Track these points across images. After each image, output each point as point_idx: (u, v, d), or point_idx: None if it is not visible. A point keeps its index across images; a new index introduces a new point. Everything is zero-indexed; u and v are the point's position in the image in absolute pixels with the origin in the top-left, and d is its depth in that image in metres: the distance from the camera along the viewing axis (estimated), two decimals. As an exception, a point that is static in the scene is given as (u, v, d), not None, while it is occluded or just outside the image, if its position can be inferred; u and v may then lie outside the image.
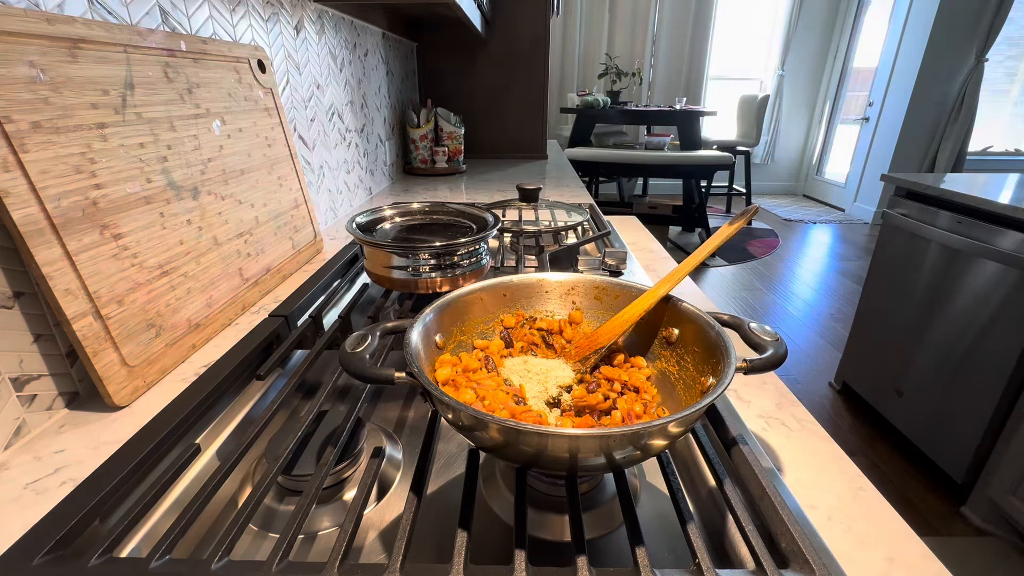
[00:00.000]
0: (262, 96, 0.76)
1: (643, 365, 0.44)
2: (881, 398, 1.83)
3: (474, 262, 0.69)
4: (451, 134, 1.79)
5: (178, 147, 0.57)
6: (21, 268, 0.43)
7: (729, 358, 0.35)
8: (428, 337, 0.41)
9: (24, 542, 0.31)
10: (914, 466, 1.67)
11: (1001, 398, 1.36)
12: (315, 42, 1.03)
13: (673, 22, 4.83)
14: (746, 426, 0.44)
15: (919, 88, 3.99)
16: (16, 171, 0.40)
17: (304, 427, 0.42)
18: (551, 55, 3.21)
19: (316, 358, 0.53)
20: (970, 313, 1.46)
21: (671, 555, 0.37)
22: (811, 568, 0.29)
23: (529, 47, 1.95)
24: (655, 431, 0.29)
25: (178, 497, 0.40)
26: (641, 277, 0.83)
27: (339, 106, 1.17)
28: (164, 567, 0.30)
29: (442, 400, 0.31)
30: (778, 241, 4.06)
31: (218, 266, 0.62)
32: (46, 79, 0.43)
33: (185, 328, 0.56)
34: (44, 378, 0.45)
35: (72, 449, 0.42)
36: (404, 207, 0.78)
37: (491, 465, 0.44)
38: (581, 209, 1.01)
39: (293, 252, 0.81)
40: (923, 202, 1.64)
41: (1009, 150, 4.49)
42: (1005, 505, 1.35)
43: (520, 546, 0.31)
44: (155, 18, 0.59)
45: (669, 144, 3.79)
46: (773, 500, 0.34)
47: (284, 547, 0.31)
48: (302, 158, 0.96)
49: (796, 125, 5.39)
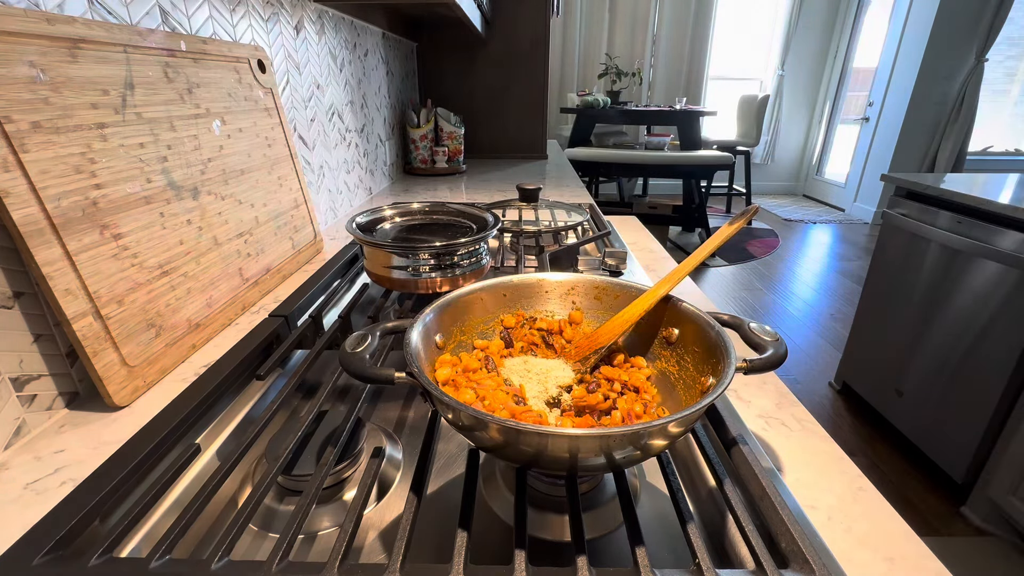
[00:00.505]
0: (262, 96, 0.76)
1: (643, 365, 0.44)
2: (881, 398, 1.83)
3: (474, 262, 0.69)
4: (451, 134, 1.79)
5: (178, 147, 0.57)
6: (21, 268, 0.43)
7: (729, 358, 0.35)
8: (428, 337, 0.41)
9: (24, 542, 0.31)
10: (914, 466, 1.67)
11: (1001, 398, 1.36)
12: (315, 42, 1.03)
13: (673, 22, 4.83)
14: (746, 426, 0.44)
15: (919, 88, 3.99)
16: (16, 171, 0.40)
17: (304, 427, 0.42)
18: (551, 55, 3.21)
19: (316, 358, 0.53)
20: (970, 313, 1.46)
21: (671, 555, 0.37)
22: (811, 568, 0.29)
23: (529, 47, 1.95)
24: (655, 431, 0.29)
25: (178, 497, 0.40)
26: (641, 277, 0.83)
27: (339, 106, 1.17)
28: (164, 567, 0.30)
29: (442, 400, 0.31)
30: (778, 241, 4.06)
31: (218, 266, 0.62)
32: (46, 79, 0.43)
33: (185, 328, 0.56)
34: (44, 378, 0.45)
35: (72, 449, 0.42)
36: (404, 207, 0.78)
37: (491, 465, 0.44)
38: (581, 209, 1.01)
39: (293, 252, 0.81)
40: (923, 202, 1.64)
41: (1009, 150, 4.49)
42: (1005, 505, 1.35)
43: (520, 546, 0.31)
44: (155, 18, 0.59)
45: (669, 144, 3.79)
46: (773, 500, 0.34)
47: (284, 547, 0.31)
48: (302, 158, 0.96)
49: (796, 125, 5.39)
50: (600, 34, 4.78)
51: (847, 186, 4.88)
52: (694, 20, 4.82)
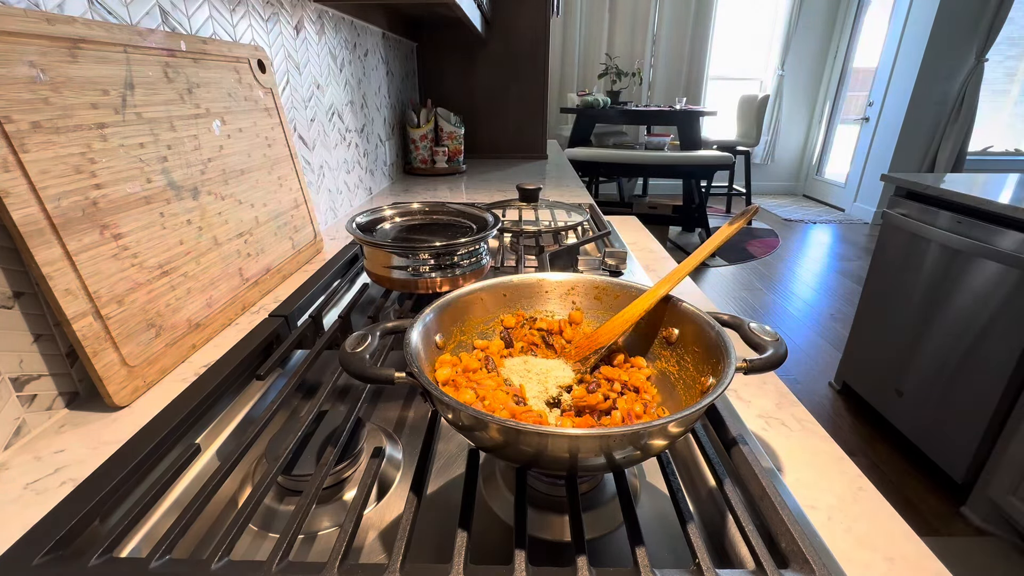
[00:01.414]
0: (262, 96, 0.76)
1: (643, 365, 0.44)
2: (881, 398, 1.83)
3: (474, 262, 0.69)
4: (451, 134, 1.79)
5: (178, 147, 0.57)
6: (21, 268, 0.43)
7: (729, 358, 0.35)
8: (428, 337, 0.41)
9: (24, 542, 0.31)
10: (914, 466, 1.67)
11: (1001, 398, 1.36)
12: (315, 42, 1.03)
13: (673, 22, 4.83)
14: (746, 426, 0.44)
15: (919, 88, 3.99)
16: (16, 171, 0.40)
17: (304, 427, 0.42)
18: (551, 55, 3.21)
19: (316, 358, 0.53)
20: (970, 313, 1.46)
21: (671, 555, 0.37)
22: (811, 568, 0.29)
23: (529, 47, 1.95)
24: (655, 431, 0.29)
25: (178, 497, 0.40)
26: (641, 277, 0.83)
27: (339, 106, 1.17)
28: (164, 567, 0.30)
29: (442, 400, 0.31)
30: (778, 241, 4.06)
31: (218, 266, 0.62)
32: (46, 79, 0.43)
33: (185, 328, 0.56)
34: (44, 378, 0.45)
35: (72, 449, 0.42)
36: (404, 207, 0.78)
37: (491, 465, 0.44)
38: (581, 209, 1.01)
39: (293, 252, 0.81)
40: (923, 202, 1.64)
41: (1009, 150, 4.49)
42: (1005, 505, 1.35)
43: (520, 546, 0.31)
44: (155, 18, 0.59)
45: (669, 144, 3.79)
46: (773, 500, 0.34)
47: (284, 547, 0.31)
48: (302, 158, 0.96)
49: (796, 125, 5.39)
50: (600, 34, 4.78)
51: (847, 186, 4.88)
52: (694, 20, 4.82)
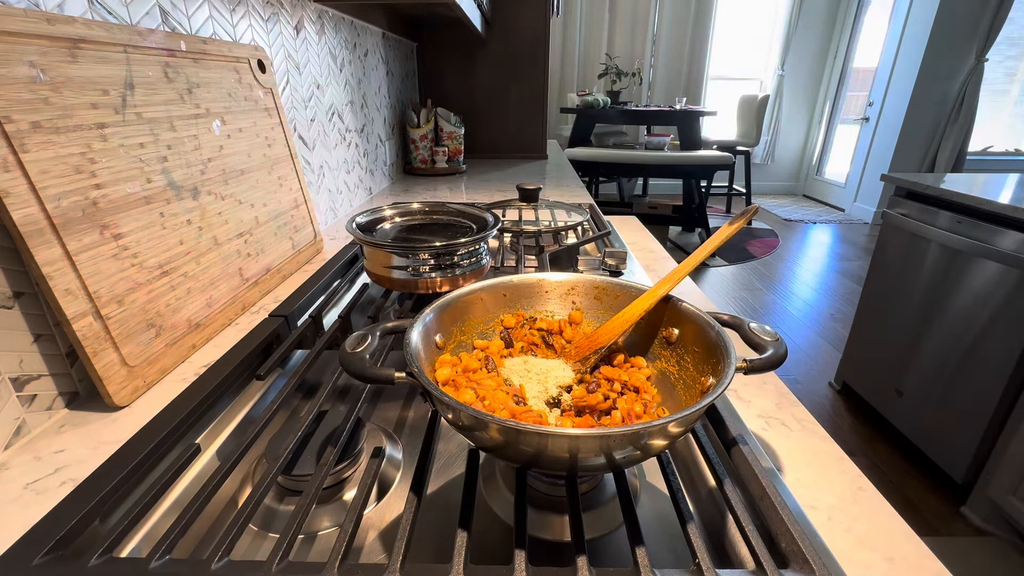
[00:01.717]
0: (262, 96, 0.76)
1: (643, 365, 0.44)
2: (881, 398, 1.83)
3: (474, 262, 0.69)
4: (451, 134, 1.79)
5: (178, 147, 0.57)
6: (21, 268, 0.43)
7: (729, 358, 0.35)
8: (428, 337, 0.41)
9: (24, 542, 0.31)
10: (914, 466, 1.67)
11: (1001, 398, 1.36)
12: (315, 42, 1.03)
13: (673, 22, 4.83)
14: (746, 426, 0.44)
15: (919, 88, 3.99)
16: (16, 171, 0.40)
17: (304, 427, 0.42)
18: (551, 55, 3.21)
19: (316, 358, 0.53)
20: (970, 313, 1.46)
21: (671, 555, 0.37)
22: (811, 568, 0.29)
23: (529, 47, 1.95)
24: (655, 431, 0.29)
25: (178, 497, 0.40)
26: (641, 277, 0.83)
27: (339, 106, 1.17)
28: (164, 567, 0.30)
29: (442, 400, 0.31)
30: (778, 241, 4.06)
31: (218, 266, 0.62)
32: (46, 79, 0.43)
33: (185, 328, 0.56)
34: (44, 378, 0.45)
35: (72, 449, 0.42)
36: (404, 207, 0.78)
37: (491, 465, 0.44)
38: (581, 209, 1.01)
39: (293, 252, 0.81)
40: (923, 202, 1.64)
41: (1009, 150, 4.49)
42: (1005, 505, 1.35)
43: (520, 546, 0.31)
44: (155, 18, 0.59)
45: (669, 144, 3.79)
46: (773, 500, 0.34)
47: (284, 547, 0.31)
48: (302, 158, 0.96)
49: (796, 125, 5.39)
50: (600, 34, 4.78)
51: (847, 186, 4.88)
52: (694, 20, 4.81)
